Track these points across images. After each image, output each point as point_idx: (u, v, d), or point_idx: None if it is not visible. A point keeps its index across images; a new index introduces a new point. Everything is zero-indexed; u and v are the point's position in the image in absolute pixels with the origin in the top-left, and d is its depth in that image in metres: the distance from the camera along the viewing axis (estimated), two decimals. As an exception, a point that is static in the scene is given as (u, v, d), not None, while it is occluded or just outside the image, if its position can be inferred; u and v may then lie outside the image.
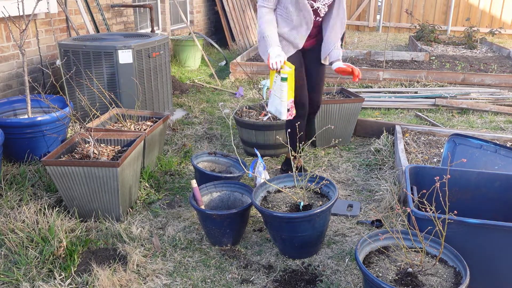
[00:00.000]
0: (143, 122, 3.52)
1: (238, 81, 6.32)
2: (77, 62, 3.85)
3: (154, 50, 4.18)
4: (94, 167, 2.53)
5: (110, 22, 5.79)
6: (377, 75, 5.98)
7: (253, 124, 3.60)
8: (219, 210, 2.69)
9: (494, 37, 9.66)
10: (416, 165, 2.50)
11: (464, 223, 1.93)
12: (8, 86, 4.25)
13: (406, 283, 1.84)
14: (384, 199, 2.96)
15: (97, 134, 2.95)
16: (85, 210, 2.71)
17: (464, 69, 6.55)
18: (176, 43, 7.08)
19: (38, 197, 2.90)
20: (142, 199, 3.02)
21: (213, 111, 4.98)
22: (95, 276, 2.22)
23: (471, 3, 11.18)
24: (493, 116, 4.79)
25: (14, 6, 3.55)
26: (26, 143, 3.35)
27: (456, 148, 2.85)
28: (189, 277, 2.28)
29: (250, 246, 2.56)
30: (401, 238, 1.99)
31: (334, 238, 2.63)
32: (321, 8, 2.92)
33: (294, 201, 2.48)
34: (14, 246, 2.37)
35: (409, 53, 7.40)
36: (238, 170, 3.11)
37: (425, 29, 9.42)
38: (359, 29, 12.27)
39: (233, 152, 3.74)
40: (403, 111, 4.98)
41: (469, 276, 1.78)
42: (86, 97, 3.88)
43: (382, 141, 3.82)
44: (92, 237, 2.56)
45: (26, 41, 4.36)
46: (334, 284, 2.24)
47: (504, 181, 2.36)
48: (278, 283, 2.24)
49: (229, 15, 8.42)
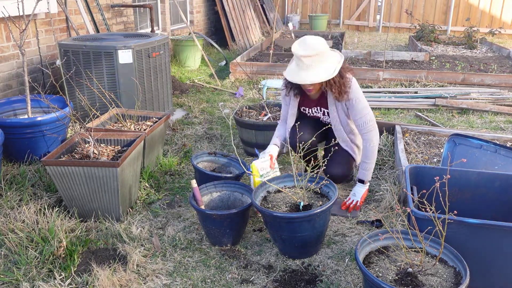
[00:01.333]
0: (143, 122, 3.52)
1: (238, 81, 6.32)
2: (77, 62, 3.85)
3: (154, 50, 4.18)
4: (94, 167, 2.53)
5: (110, 22, 5.79)
6: (377, 75, 5.98)
7: (253, 124, 3.60)
8: (219, 210, 2.69)
9: (494, 37, 9.66)
10: (416, 165, 2.50)
11: (464, 223, 1.93)
12: (8, 86, 4.25)
13: (406, 283, 1.84)
14: (384, 199, 2.96)
15: (97, 134, 2.95)
16: (85, 210, 2.71)
17: (464, 69, 6.55)
18: (176, 43, 7.08)
19: (38, 197, 2.90)
20: (142, 199, 3.02)
21: (213, 111, 4.98)
22: (95, 276, 2.22)
23: (471, 3, 11.18)
24: (493, 116, 4.79)
25: (14, 6, 3.55)
26: (26, 143, 3.35)
27: (456, 148, 2.85)
28: (189, 277, 2.28)
29: (250, 246, 2.55)
30: (401, 238, 1.99)
31: (334, 238, 2.63)
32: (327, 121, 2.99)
33: (294, 201, 2.48)
34: (14, 246, 2.37)
35: (409, 53, 7.40)
36: (238, 170, 3.11)
37: (425, 29, 9.42)
38: (359, 29, 12.27)
39: (233, 152, 3.74)
40: (403, 111, 4.98)
41: (469, 276, 1.78)
42: (86, 97, 3.88)
43: (382, 141, 3.82)
44: (92, 237, 2.56)
45: (26, 41, 4.36)
46: (334, 284, 2.23)
47: (504, 181, 2.36)
48: (278, 283, 2.24)
49: (229, 15, 8.42)
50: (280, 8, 12.42)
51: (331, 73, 2.63)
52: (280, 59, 7.30)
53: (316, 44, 2.61)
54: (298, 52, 2.60)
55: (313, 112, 3.03)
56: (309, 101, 3.00)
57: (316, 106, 2.99)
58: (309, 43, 2.61)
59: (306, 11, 12.54)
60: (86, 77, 3.82)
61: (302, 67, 2.62)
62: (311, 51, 2.58)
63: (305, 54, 2.58)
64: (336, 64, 2.67)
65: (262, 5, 10.20)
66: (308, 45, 2.60)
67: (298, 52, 2.60)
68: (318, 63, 2.61)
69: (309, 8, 12.51)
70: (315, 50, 2.58)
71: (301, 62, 2.61)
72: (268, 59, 7.00)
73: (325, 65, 2.64)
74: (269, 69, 6.31)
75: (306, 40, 2.63)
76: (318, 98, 2.96)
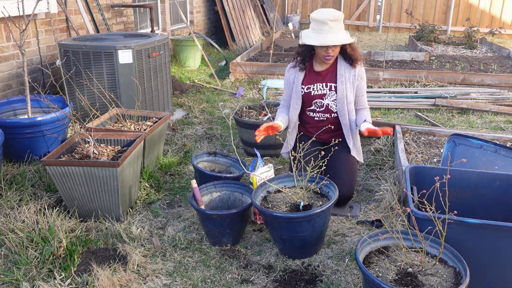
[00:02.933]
0: (143, 122, 3.52)
1: (238, 81, 6.31)
2: (77, 62, 3.85)
3: (154, 50, 4.18)
4: (94, 167, 2.53)
5: (110, 22, 5.79)
6: (377, 75, 5.98)
7: (253, 124, 3.60)
8: (219, 210, 2.69)
9: (494, 37, 9.66)
10: (416, 165, 2.50)
11: (464, 223, 1.93)
12: (8, 86, 4.25)
13: (406, 283, 1.84)
14: (384, 199, 2.96)
15: (97, 134, 2.95)
16: (85, 210, 2.71)
17: (464, 69, 6.55)
18: (176, 43, 7.08)
19: (38, 197, 2.90)
20: (142, 199, 3.02)
21: (213, 111, 4.98)
22: (95, 276, 2.22)
23: (471, 3, 11.17)
24: (493, 116, 4.79)
25: (14, 6, 3.55)
26: (26, 143, 3.35)
27: (456, 148, 2.85)
28: (189, 277, 2.28)
29: (250, 246, 2.55)
30: (401, 238, 1.99)
31: (334, 238, 2.63)
32: (331, 104, 2.94)
33: (294, 201, 2.48)
34: (14, 246, 2.37)
35: (409, 53, 7.40)
36: (238, 170, 3.11)
37: (425, 29, 9.41)
38: (359, 29, 12.27)
39: (233, 152, 3.74)
40: (403, 111, 4.98)
41: (469, 276, 1.78)
42: (86, 97, 3.88)
43: (382, 141, 3.82)
44: (92, 237, 2.56)
45: (26, 41, 4.36)
46: (334, 284, 2.23)
47: (504, 181, 2.36)
48: (278, 283, 2.24)
49: (229, 15, 8.42)
50: (280, 8, 12.41)
51: (351, 38, 2.83)
52: (280, 59, 7.30)
53: (335, 11, 2.80)
54: (323, 16, 2.74)
55: (317, 89, 2.93)
56: (315, 77, 2.95)
57: (321, 82, 2.93)
58: (329, 11, 2.79)
59: (306, 11, 12.54)
60: (86, 77, 3.82)
61: (327, 30, 2.75)
62: (335, 15, 2.75)
63: (331, 18, 2.73)
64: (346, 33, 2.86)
65: (262, 5, 10.20)
66: (329, 12, 2.78)
67: (323, 16, 2.75)
68: (340, 28, 2.79)
69: (309, 8, 12.50)
70: (337, 16, 2.77)
71: (326, 26, 2.74)
72: (268, 59, 7.00)
73: (344, 32, 2.82)
74: (269, 69, 6.31)
75: (325, 9, 2.81)
76: (326, 72, 2.93)
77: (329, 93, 2.92)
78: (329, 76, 2.92)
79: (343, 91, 2.87)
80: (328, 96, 2.93)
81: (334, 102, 2.91)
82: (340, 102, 2.89)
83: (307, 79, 2.96)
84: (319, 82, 2.94)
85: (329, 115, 2.95)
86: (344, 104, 2.89)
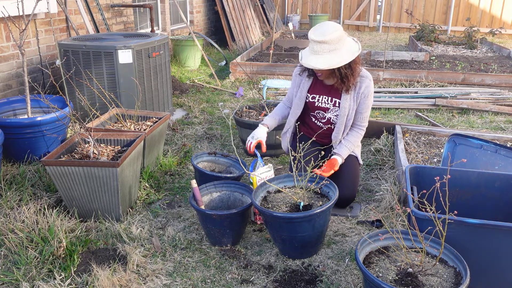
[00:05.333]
0: (143, 122, 3.52)
1: (238, 81, 6.31)
2: (77, 62, 3.85)
3: (154, 50, 4.18)
4: (94, 167, 2.53)
5: (110, 22, 5.79)
6: (377, 75, 5.98)
7: (253, 124, 3.59)
8: (219, 210, 2.69)
9: (494, 37, 9.66)
10: (416, 165, 2.50)
11: (464, 223, 1.93)
12: (8, 86, 4.25)
13: (406, 283, 1.84)
14: (384, 199, 2.96)
15: (97, 134, 2.95)
16: (85, 210, 2.71)
17: (464, 69, 6.54)
18: (176, 43, 7.07)
19: (38, 197, 2.89)
20: (142, 199, 3.02)
21: (213, 111, 4.97)
22: (95, 276, 2.21)
23: (471, 3, 11.17)
24: (493, 116, 4.79)
25: (14, 6, 3.55)
26: (26, 143, 3.35)
27: (456, 148, 2.85)
28: (189, 277, 2.28)
29: (250, 246, 2.55)
30: (401, 238, 1.99)
31: (334, 238, 2.63)
32: (333, 118, 2.93)
33: (294, 201, 2.48)
34: (14, 246, 2.37)
35: (409, 53, 7.40)
36: (238, 170, 3.11)
37: (425, 29, 9.41)
38: (359, 29, 12.27)
39: (233, 152, 3.74)
40: (403, 111, 4.98)
41: (469, 276, 1.78)
42: (86, 97, 3.87)
43: (382, 141, 3.82)
44: (92, 237, 2.56)
45: (26, 41, 4.36)
46: (334, 284, 2.23)
47: (504, 181, 2.36)
48: (278, 283, 2.24)
49: (229, 15, 8.42)
50: (280, 8, 12.41)
51: (336, 63, 2.64)
52: (280, 59, 7.30)
53: (329, 31, 2.63)
54: (313, 37, 2.66)
55: (322, 101, 2.92)
56: (322, 88, 2.92)
57: (327, 95, 2.90)
58: (322, 30, 2.66)
59: (306, 11, 12.54)
60: (86, 77, 3.82)
61: (316, 51, 2.67)
62: (326, 38, 2.61)
63: (320, 40, 2.62)
64: (346, 55, 2.67)
65: (262, 5, 10.20)
66: (321, 31, 2.65)
67: (313, 36, 2.66)
68: (332, 50, 2.64)
69: (309, 8, 12.51)
70: (330, 38, 2.61)
71: (316, 46, 2.66)
72: (268, 59, 7.00)
73: (333, 54, 2.66)
74: (269, 69, 6.30)
75: (323, 26, 2.69)
76: (332, 87, 2.88)
77: (333, 108, 2.91)
78: (335, 90, 2.88)
79: (345, 109, 2.85)
80: (331, 111, 2.93)
81: (336, 117, 2.93)
82: (340, 119, 2.88)
83: (313, 88, 2.95)
84: (325, 94, 2.91)
85: (330, 125, 2.98)
86: (343, 121, 2.88)
